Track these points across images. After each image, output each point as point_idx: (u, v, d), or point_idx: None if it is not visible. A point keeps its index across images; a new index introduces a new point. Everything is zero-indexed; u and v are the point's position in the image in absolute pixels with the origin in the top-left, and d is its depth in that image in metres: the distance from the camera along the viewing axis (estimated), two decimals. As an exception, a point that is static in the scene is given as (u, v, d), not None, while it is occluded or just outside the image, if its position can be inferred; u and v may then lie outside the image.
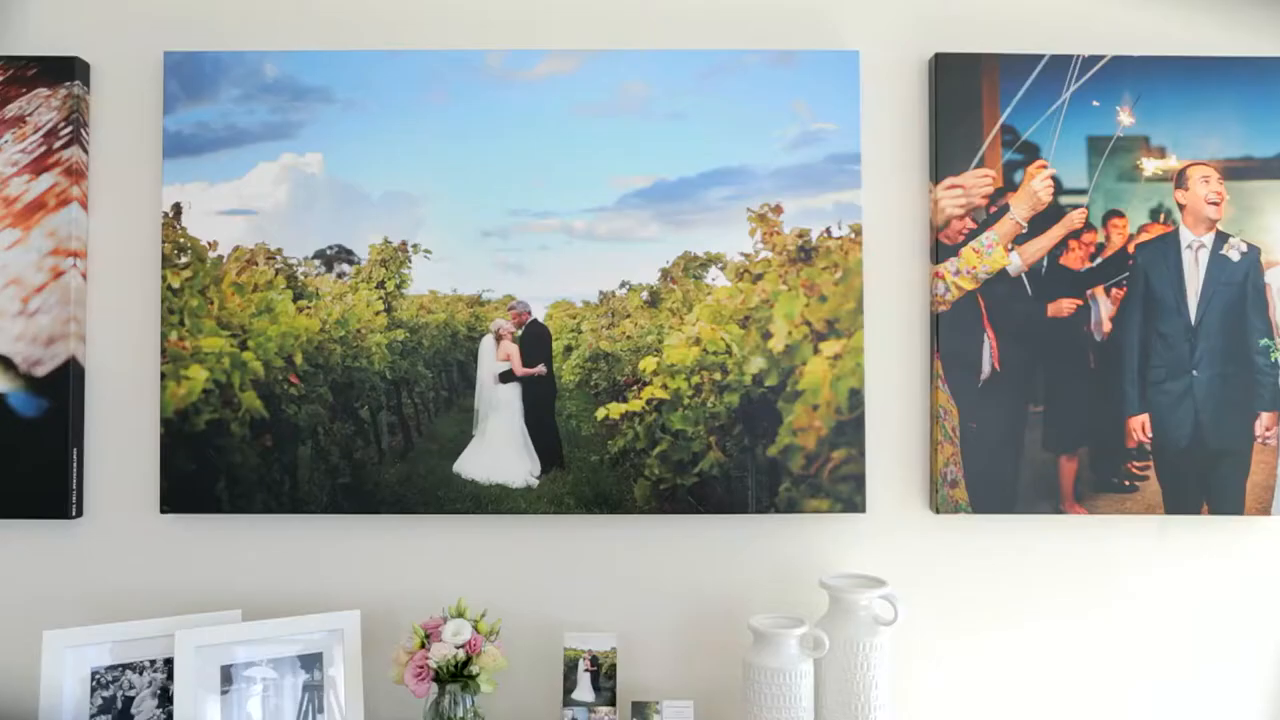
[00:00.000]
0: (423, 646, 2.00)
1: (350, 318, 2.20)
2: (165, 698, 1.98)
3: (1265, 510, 2.22)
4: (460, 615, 2.06)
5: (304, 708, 2.03)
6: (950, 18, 2.24)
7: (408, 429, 2.21)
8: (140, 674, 1.99)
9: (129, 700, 1.97)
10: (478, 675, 1.98)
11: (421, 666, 1.97)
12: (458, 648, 1.98)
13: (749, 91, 2.20)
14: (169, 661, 1.99)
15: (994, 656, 2.23)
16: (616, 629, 2.18)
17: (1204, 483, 2.22)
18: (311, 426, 2.18)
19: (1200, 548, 2.25)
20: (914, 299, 2.24)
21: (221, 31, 2.21)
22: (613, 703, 2.10)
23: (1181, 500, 2.22)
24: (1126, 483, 2.22)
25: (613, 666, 2.12)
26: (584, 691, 2.11)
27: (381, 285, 2.20)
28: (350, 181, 2.20)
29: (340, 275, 2.20)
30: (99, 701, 1.96)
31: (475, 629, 2.02)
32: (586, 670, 2.12)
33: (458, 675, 1.98)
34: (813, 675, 2.03)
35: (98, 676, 1.97)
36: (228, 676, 1.98)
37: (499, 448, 2.20)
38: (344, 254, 2.20)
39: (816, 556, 2.22)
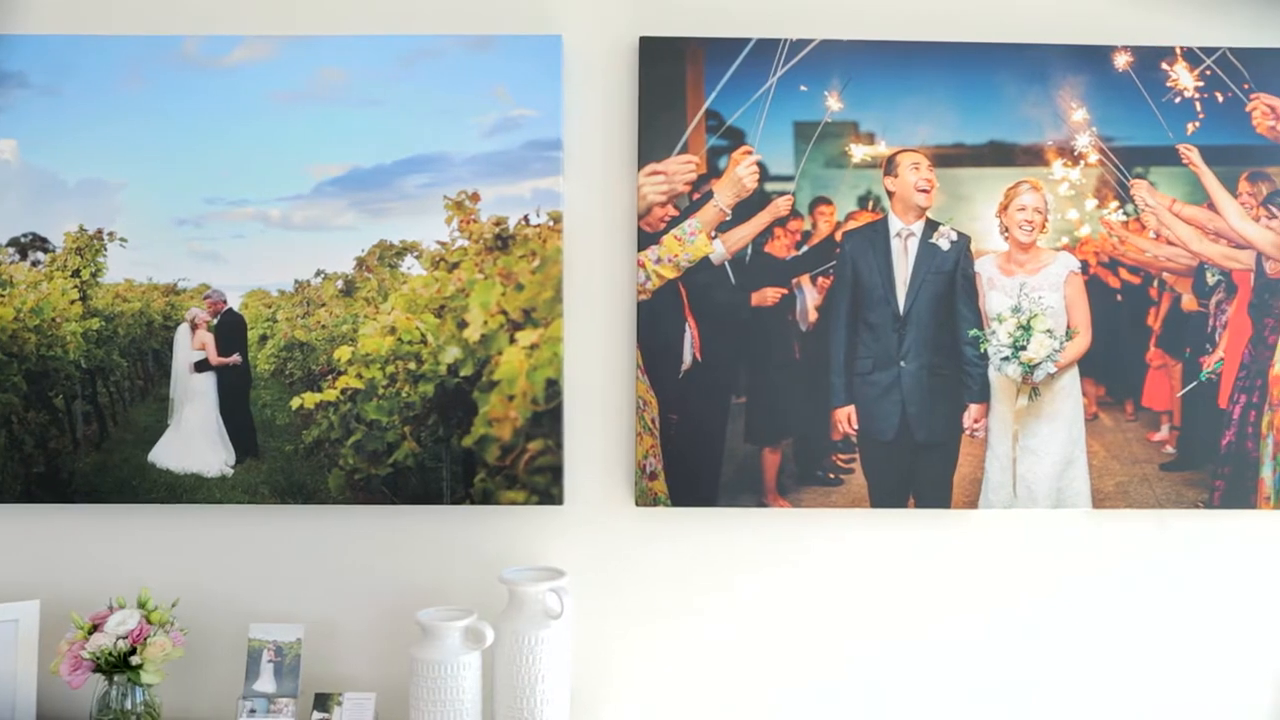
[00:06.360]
0: (88, 637, 1.99)
1: (45, 306, 2.18)
2: None
3: (973, 504, 2.18)
4: (143, 605, 2.04)
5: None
6: (660, 2, 2.19)
7: (103, 418, 2.19)
8: None
9: None
10: (140, 666, 1.97)
11: (77, 657, 1.95)
12: (120, 638, 1.97)
13: (448, 77, 2.16)
14: None
15: (689, 650, 2.20)
16: (308, 620, 2.16)
17: (910, 476, 2.18)
18: (5, 416, 2.16)
19: (906, 542, 2.21)
20: (618, 288, 2.20)
21: (-85, 17, 2.19)
22: (296, 694, 2.08)
23: (887, 493, 2.18)
24: (831, 475, 2.19)
25: (297, 657, 2.10)
26: (265, 682, 2.09)
27: (77, 274, 2.18)
28: (45, 168, 2.17)
29: (35, 263, 2.18)
30: None
31: (147, 619, 2.01)
32: (270, 661, 2.10)
33: (121, 666, 1.97)
34: (478, 668, 2.00)
35: None
36: (-119, 668, 1.97)
37: (194, 437, 2.19)
38: (39, 242, 2.18)
39: (518, 549, 2.20)
